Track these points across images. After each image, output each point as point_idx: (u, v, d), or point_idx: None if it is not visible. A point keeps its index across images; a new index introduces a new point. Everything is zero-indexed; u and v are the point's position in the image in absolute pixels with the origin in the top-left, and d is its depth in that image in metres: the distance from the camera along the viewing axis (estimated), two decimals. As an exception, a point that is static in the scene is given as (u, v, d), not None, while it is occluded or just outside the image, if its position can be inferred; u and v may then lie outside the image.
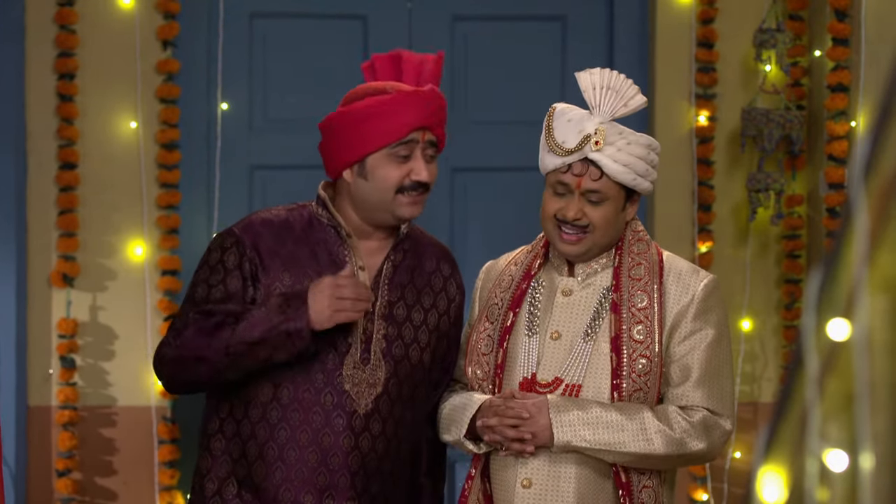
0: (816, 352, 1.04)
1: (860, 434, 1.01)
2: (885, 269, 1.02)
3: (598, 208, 2.51)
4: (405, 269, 2.69)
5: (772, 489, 1.08)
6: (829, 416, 1.04)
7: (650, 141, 2.53)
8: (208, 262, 2.63)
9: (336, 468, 2.58)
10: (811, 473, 1.04)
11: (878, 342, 1.03)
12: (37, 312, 4.16)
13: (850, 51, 4.02)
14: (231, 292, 2.58)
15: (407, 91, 2.57)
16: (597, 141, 2.46)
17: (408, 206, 2.60)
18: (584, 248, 2.54)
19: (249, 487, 2.60)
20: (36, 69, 4.15)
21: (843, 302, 1.03)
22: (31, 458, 4.16)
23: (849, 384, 1.02)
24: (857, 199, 1.00)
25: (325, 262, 2.62)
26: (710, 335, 2.52)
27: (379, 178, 2.58)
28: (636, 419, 2.44)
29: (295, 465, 2.58)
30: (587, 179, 2.49)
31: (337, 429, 2.58)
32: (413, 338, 2.67)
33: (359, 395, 2.59)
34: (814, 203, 4.25)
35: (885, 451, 1.03)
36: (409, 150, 2.58)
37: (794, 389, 1.07)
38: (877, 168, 1.00)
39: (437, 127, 2.60)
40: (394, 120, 2.56)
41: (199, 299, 2.61)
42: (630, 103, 2.50)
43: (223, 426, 2.64)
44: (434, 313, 2.72)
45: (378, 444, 2.62)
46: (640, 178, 2.51)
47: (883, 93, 1.00)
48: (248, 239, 2.61)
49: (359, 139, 2.59)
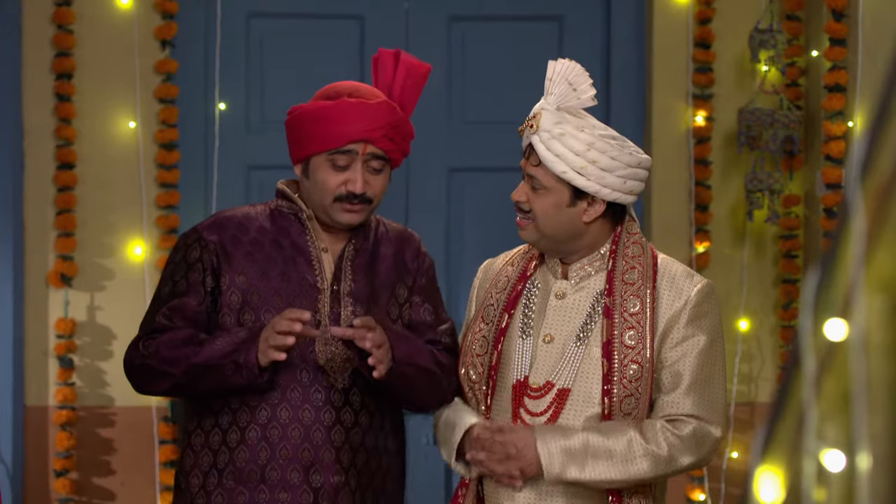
0: (813, 352, 1.04)
1: (857, 434, 1.01)
2: (881, 269, 1.02)
3: (539, 196, 2.51)
4: (367, 251, 2.71)
5: (769, 489, 1.08)
6: (826, 416, 1.04)
7: (594, 140, 2.46)
8: (173, 260, 2.68)
9: (320, 443, 2.60)
10: (808, 474, 1.04)
11: (875, 342, 1.03)
12: (34, 312, 4.16)
13: (847, 51, 4.02)
14: (191, 284, 2.62)
15: (351, 101, 2.59)
16: (531, 124, 2.49)
17: (344, 214, 2.63)
18: (533, 236, 2.54)
19: (233, 474, 2.61)
20: (33, 69, 4.15)
21: (840, 302, 1.03)
22: (28, 459, 4.16)
23: (846, 384, 1.02)
24: (854, 199, 1.00)
25: (288, 249, 2.66)
26: (703, 341, 2.50)
27: (318, 181, 2.62)
28: (622, 440, 2.42)
29: (279, 443, 2.59)
30: (529, 164, 2.52)
31: (317, 404, 2.60)
32: (381, 316, 2.67)
33: (334, 371, 2.61)
34: (811, 203, 4.25)
35: (882, 452, 1.03)
36: (347, 161, 2.60)
37: (791, 389, 1.07)
38: (874, 168, 1.00)
39: (382, 140, 2.59)
40: (334, 128, 2.58)
41: (164, 296, 2.65)
42: (582, 97, 2.50)
43: (201, 421, 2.66)
44: (403, 289, 2.72)
45: (361, 418, 2.64)
46: (574, 173, 2.46)
47: (880, 93, 1.00)
48: (209, 234, 2.65)
49: (303, 139, 2.63)
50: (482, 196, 4.38)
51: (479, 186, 4.39)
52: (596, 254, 2.57)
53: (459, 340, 2.71)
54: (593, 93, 2.51)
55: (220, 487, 2.61)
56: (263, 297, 2.62)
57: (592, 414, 2.48)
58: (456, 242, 4.33)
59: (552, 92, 2.50)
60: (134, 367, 2.63)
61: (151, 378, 2.61)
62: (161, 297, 2.66)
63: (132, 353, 2.64)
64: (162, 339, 2.59)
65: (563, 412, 2.50)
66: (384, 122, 2.59)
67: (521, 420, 2.52)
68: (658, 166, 4.24)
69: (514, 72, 4.38)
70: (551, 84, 2.51)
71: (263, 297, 2.62)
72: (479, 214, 4.39)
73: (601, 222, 2.55)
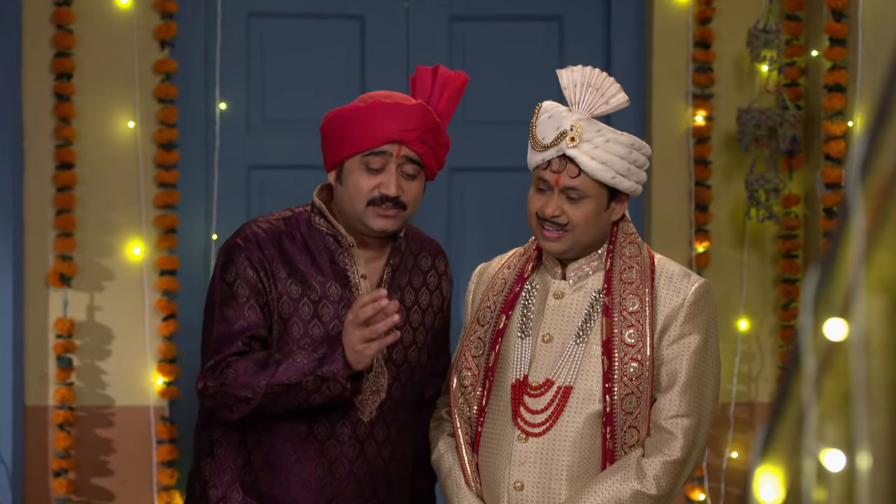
0: (813, 352, 1.04)
1: (857, 434, 1.01)
2: (881, 269, 1.02)
3: (577, 206, 2.50)
4: (403, 270, 2.70)
5: (769, 489, 1.08)
6: (826, 416, 1.04)
7: (633, 140, 2.51)
8: (224, 279, 2.61)
9: (342, 477, 2.59)
10: (808, 473, 1.04)
11: (875, 342, 1.03)
12: (34, 312, 4.16)
13: (847, 51, 4.02)
14: (261, 306, 2.57)
15: (387, 103, 2.57)
16: (572, 137, 2.46)
17: (378, 219, 2.59)
18: (565, 246, 2.54)
19: (255, 494, 2.60)
20: (33, 69, 4.15)
21: (840, 302, 1.03)
22: (27, 458, 4.16)
23: (846, 384, 1.02)
24: (854, 199, 1.00)
25: (328, 271, 2.62)
26: (698, 341, 2.52)
27: (351, 184, 2.58)
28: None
29: (301, 475, 2.58)
30: (565, 176, 2.49)
31: (342, 438, 2.59)
32: (412, 339, 2.68)
33: (363, 404, 2.60)
34: (811, 203, 4.25)
35: (881, 451, 1.03)
36: (382, 163, 2.57)
37: (791, 389, 1.07)
38: (874, 168, 1.00)
39: (416, 143, 2.57)
40: (368, 129, 2.56)
41: (235, 322, 2.57)
42: (612, 101, 2.50)
43: (228, 434, 2.63)
44: (430, 312, 2.74)
45: (384, 450, 2.63)
46: (621, 176, 2.49)
47: (880, 93, 1.00)
48: (253, 248, 2.60)
49: (336, 142, 2.60)
50: (482, 196, 4.38)
51: (479, 186, 4.39)
52: (594, 254, 2.59)
53: (456, 349, 2.73)
54: (623, 94, 2.51)
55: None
56: (303, 325, 2.59)
57: (594, 411, 2.49)
58: (456, 242, 4.33)
59: (579, 101, 2.48)
60: (209, 394, 2.57)
61: (232, 404, 2.54)
62: (229, 321, 2.57)
63: (208, 379, 2.57)
64: (239, 365, 2.53)
65: (565, 409, 2.50)
66: (418, 123, 2.57)
67: (521, 418, 2.52)
68: (658, 166, 4.24)
69: (514, 72, 4.38)
70: (574, 93, 2.49)
71: (303, 324, 2.59)
72: (479, 214, 4.39)
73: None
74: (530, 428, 2.51)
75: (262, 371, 2.51)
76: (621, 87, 2.52)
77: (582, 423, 2.49)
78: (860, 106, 3.94)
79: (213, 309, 2.62)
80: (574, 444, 2.49)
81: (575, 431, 2.49)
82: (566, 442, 2.49)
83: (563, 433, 2.50)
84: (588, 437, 2.49)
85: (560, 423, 2.50)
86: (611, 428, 2.48)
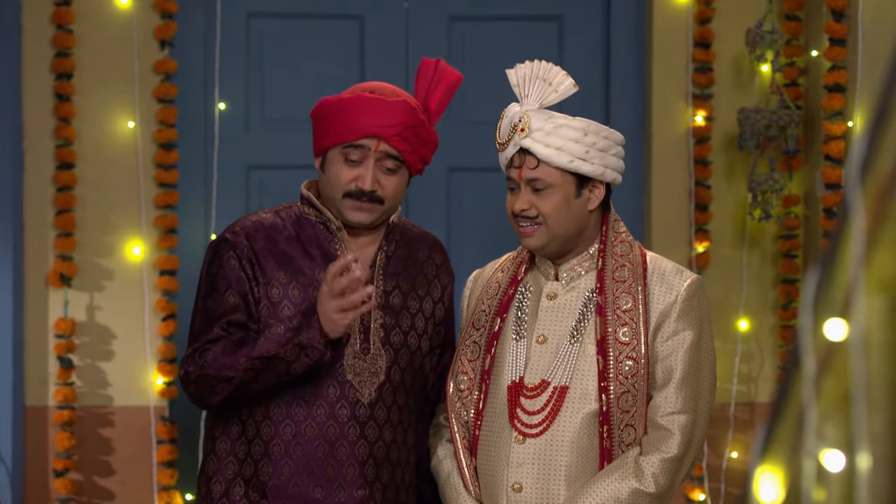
0: (813, 352, 1.04)
1: (857, 434, 1.01)
2: (881, 269, 1.02)
3: (544, 197, 2.52)
4: (398, 258, 2.71)
5: (769, 489, 1.08)
6: (826, 416, 1.04)
7: (587, 123, 2.52)
8: (209, 272, 2.65)
9: (344, 459, 2.60)
10: (808, 473, 1.04)
11: (875, 342, 1.03)
12: (34, 312, 4.15)
13: (846, 51, 4.02)
14: (242, 294, 2.61)
15: (369, 97, 2.60)
16: (522, 128, 2.50)
17: (354, 212, 2.62)
18: (543, 240, 2.55)
19: (257, 487, 2.60)
20: (33, 69, 4.15)
21: (840, 302, 1.03)
22: (28, 459, 4.16)
23: (845, 384, 1.02)
24: (854, 199, 1.00)
25: (319, 258, 2.65)
26: (692, 337, 2.53)
27: (332, 174, 2.63)
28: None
29: (302, 459, 2.59)
30: (526, 169, 2.52)
31: (342, 419, 2.60)
32: (410, 325, 2.69)
33: (361, 385, 2.61)
34: (810, 203, 4.25)
35: (882, 452, 1.03)
36: (360, 156, 2.60)
37: (791, 389, 1.07)
38: (873, 168, 1.00)
39: (395, 140, 2.59)
40: (348, 121, 2.59)
41: (216, 310, 2.62)
42: (560, 89, 2.52)
43: (228, 427, 2.65)
44: (429, 301, 2.75)
45: (385, 433, 2.64)
46: (580, 160, 2.50)
47: (880, 93, 1.00)
48: (241, 242, 2.63)
49: (321, 131, 2.65)
50: (482, 196, 4.38)
51: (479, 186, 4.39)
52: (585, 254, 2.60)
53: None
54: (570, 80, 2.53)
55: (244, 499, 2.61)
56: (293, 307, 2.61)
57: (590, 411, 2.50)
58: (456, 242, 4.33)
59: (528, 94, 2.53)
60: (191, 380, 2.60)
61: (214, 385, 2.57)
62: (212, 313, 2.62)
63: (188, 365, 2.60)
64: (217, 347, 2.57)
65: (561, 410, 2.51)
66: (399, 120, 2.59)
67: (518, 420, 2.53)
68: (658, 166, 4.24)
69: (513, 72, 4.38)
70: (523, 88, 2.53)
71: (293, 306, 2.61)
72: (479, 214, 4.39)
73: (596, 214, 2.59)
74: (527, 429, 2.52)
75: (240, 349, 2.54)
76: (567, 73, 2.53)
77: (579, 423, 2.49)
78: (860, 106, 3.94)
79: (197, 301, 2.68)
80: (571, 444, 2.50)
81: (572, 431, 2.50)
82: (564, 442, 2.50)
83: (560, 433, 2.50)
84: (585, 436, 2.50)
85: (557, 424, 2.50)
86: (608, 427, 2.49)
